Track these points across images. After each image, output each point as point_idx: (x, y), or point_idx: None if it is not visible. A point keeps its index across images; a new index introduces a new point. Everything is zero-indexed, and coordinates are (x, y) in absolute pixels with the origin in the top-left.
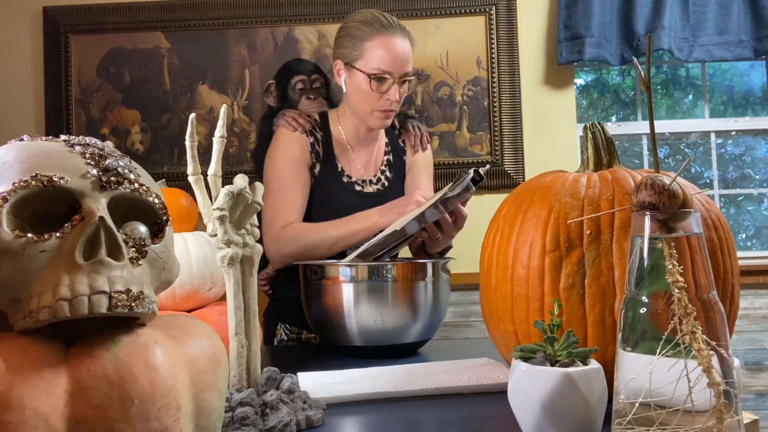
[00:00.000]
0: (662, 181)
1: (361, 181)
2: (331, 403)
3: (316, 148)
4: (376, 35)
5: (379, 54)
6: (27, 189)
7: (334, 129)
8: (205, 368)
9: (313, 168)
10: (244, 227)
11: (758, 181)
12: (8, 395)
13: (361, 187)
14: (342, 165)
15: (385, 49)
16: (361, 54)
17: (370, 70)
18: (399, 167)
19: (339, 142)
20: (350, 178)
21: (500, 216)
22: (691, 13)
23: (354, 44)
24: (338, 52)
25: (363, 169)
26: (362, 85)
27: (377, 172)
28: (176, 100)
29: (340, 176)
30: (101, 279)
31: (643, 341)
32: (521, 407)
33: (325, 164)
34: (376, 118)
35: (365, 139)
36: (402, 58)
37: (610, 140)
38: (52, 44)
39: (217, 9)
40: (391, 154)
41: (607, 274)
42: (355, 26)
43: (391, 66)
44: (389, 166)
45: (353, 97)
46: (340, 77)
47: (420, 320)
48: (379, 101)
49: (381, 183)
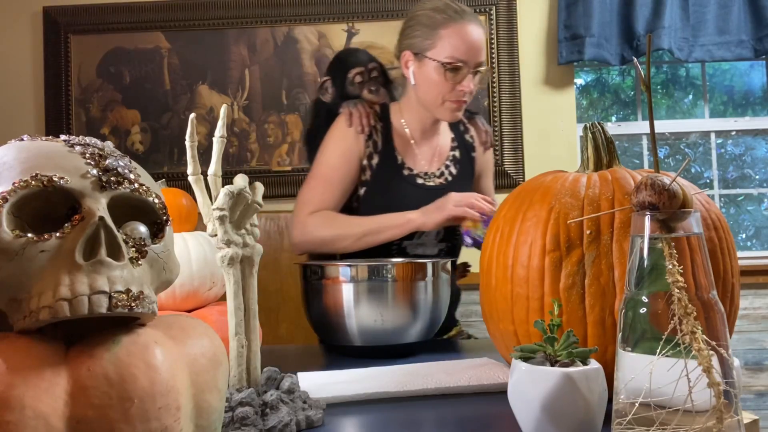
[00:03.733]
0: (662, 181)
1: (423, 174)
2: (331, 403)
3: (374, 138)
4: (450, 23)
5: (453, 42)
6: (27, 189)
7: (395, 121)
8: (205, 368)
9: (371, 160)
10: (244, 227)
11: (758, 181)
12: (8, 395)
13: (423, 180)
14: (403, 158)
15: (460, 37)
16: (434, 43)
17: (443, 58)
18: (466, 164)
19: (400, 134)
20: (411, 170)
21: (500, 216)
22: (691, 13)
23: (425, 33)
24: (406, 42)
25: (426, 163)
26: (434, 75)
27: (441, 166)
28: (176, 100)
29: (400, 169)
30: (101, 279)
31: (643, 341)
32: (521, 407)
33: (384, 156)
34: (447, 110)
35: (429, 132)
36: (476, 46)
37: (610, 140)
38: (52, 44)
39: (217, 9)
40: (457, 150)
41: (607, 274)
42: (426, 14)
43: (466, 54)
44: (454, 161)
45: (423, 89)
46: (408, 69)
47: (420, 320)
48: (451, 92)
49: (444, 177)
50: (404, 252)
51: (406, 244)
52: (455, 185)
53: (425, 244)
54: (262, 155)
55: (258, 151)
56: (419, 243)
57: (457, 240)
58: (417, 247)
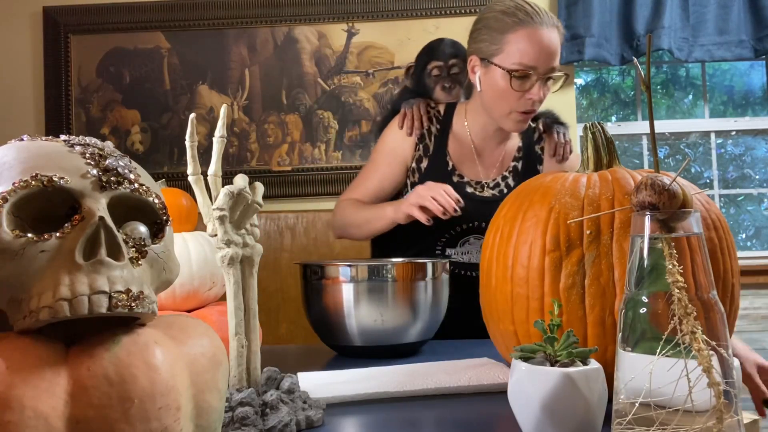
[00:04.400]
0: (662, 181)
1: (475, 183)
2: (331, 403)
3: (426, 141)
4: (519, 26)
5: (521, 47)
6: (27, 189)
7: (457, 124)
8: (205, 368)
9: (420, 163)
10: (244, 227)
11: (758, 181)
12: (8, 395)
13: (473, 189)
14: (455, 163)
15: (529, 42)
16: (501, 48)
17: (510, 65)
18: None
19: (459, 138)
20: (462, 178)
21: (500, 216)
22: (691, 13)
23: (492, 37)
24: (474, 47)
25: (483, 172)
26: (500, 83)
27: (498, 177)
28: (176, 100)
29: (450, 175)
30: (101, 279)
31: (643, 341)
32: (521, 407)
33: (433, 161)
34: (512, 121)
35: (493, 139)
36: (547, 51)
37: (610, 140)
38: (52, 44)
39: (217, 9)
40: (521, 161)
41: (607, 274)
42: (495, 17)
43: (535, 60)
44: (515, 173)
45: (489, 96)
46: (474, 74)
47: (420, 320)
48: (519, 101)
49: (499, 189)
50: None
51: (449, 252)
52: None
53: (470, 252)
54: (262, 155)
55: (258, 151)
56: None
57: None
58: (462, 255)
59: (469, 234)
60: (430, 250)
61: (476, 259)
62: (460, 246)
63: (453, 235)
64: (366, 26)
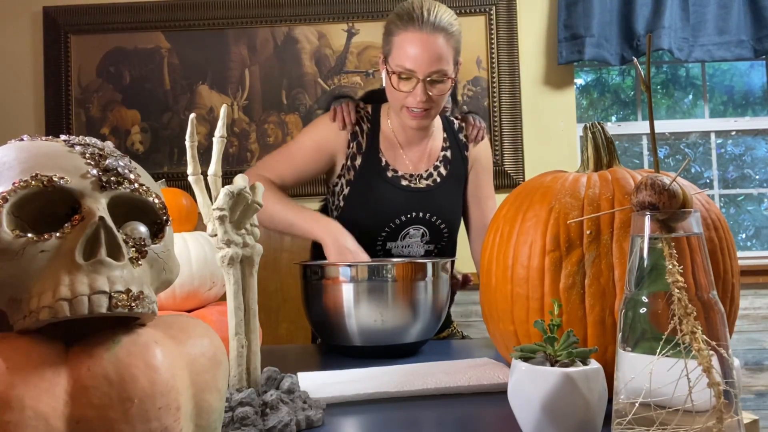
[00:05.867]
0: (662, 181)
1: (409, 176)
2: (331, 403)
3: (358, 139)
4: (402, 30)
5: (402, 50)
6: (27, 189)
7: (383, 123)
8: (205, 368)
9: (354, 160)
10: (244, 227)
11: (758, 181)
12: (8, 395)
13: (408, 182)
14: (387, 159)
15: (410, 45)
16: (390, 49)
17: (394, 67)
18: (457, 163)
19: (387, 136)
20: (396, 172)
21: (500, 216)
22: (691, 13)
23: (386, 38)
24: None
25: (413, 165)
26: (390, 82)
27: (430, 168)
28: (176, 100)
29: (384, 171)
30: (101, 279)
31: (643, 341)
32: (521, 407)
33: (367, 157)
34: (407, 117)
35: (415, 135)
36: (428, 55)
37: (610, 140)
38: (52, 44)
39: (217, 9)
40: (449, 150)
41: (607, 274)
42: (391, 18)
43: (413, 64)
44: (445, 162)
45: (387, 94)
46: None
47: (420, 320)
48: (406, 99)
49: (432, 179)
50: (389, 254)
51: (390, 246)
52: (445, 186)
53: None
54: (262, 155)
55: (258, 151)
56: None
57: (445, 241)
58: (403, 248)
59: (408, 225)
60: (371, 246)
61: (416, 252)
62: (400, 240)
63: (393, 228)
64: (366, 26)
